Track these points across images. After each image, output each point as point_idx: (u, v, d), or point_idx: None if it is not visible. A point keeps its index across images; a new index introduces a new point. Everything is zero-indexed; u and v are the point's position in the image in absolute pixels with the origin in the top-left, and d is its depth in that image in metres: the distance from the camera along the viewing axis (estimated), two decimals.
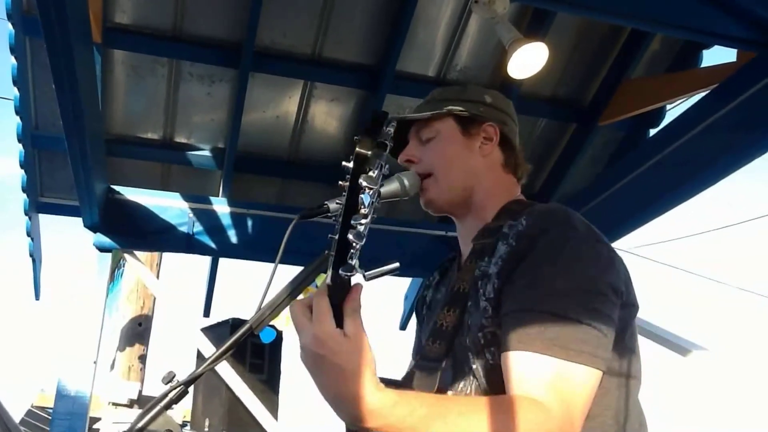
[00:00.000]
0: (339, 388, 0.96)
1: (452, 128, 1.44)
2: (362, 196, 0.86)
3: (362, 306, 1.00)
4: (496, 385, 1.13)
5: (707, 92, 3.24)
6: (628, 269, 1.22)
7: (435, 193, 1.42)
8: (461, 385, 1.22)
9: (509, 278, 1.15)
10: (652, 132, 3.87)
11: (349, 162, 0.88)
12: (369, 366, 0.96)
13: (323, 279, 0.99)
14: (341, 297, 0.98)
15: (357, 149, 0.85)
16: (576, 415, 1.03)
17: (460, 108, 1.44)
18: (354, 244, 0.88)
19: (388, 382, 1.05)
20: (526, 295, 1.11)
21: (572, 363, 1.04)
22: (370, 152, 0.84)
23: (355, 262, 0.91)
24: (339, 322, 0.97)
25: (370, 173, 0.85)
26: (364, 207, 0.86)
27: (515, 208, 1.32)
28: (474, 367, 1.20)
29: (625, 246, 5.98)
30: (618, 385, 1.16)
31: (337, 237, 0.90)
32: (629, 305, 1.19)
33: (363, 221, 0.87)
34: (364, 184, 0.85)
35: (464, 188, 1.42)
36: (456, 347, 1.24)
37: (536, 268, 1.13)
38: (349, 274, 0.92)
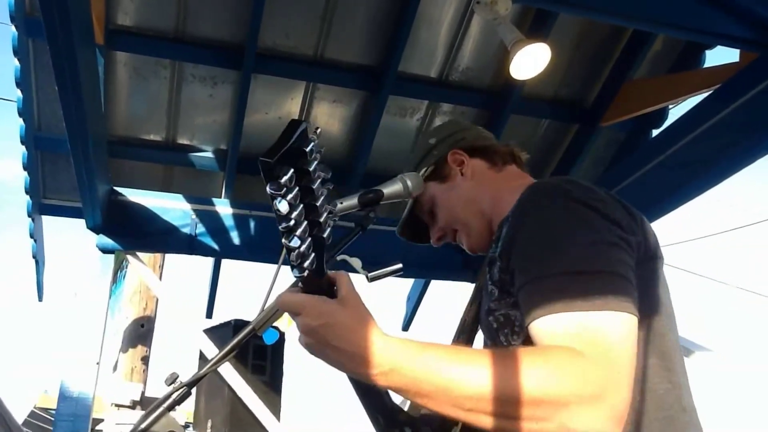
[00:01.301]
0: (352, 344, 0.95)
1: (434, 188, 1.51)
2: (275, 202, 0.86)
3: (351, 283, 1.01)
4: None
5: (710, 93, 3.23)
6: (641, 220, 1.17)
7: (470, 244, 1.48)
8: None
9: (511, 255, 1.12)
10: (655, 133, 3.87)
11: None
12: (372, 319, 0.97)
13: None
14: (320, 290, 0.99)
15: (260, 158, 0.85)
16: (620, 360, 0.94)
17: (423, 170, 1.51)
18: (291, 248, 0.89)
19: None
20: (532, 263, 1.07)
21: (600, 311, 0.97)
22: (271, 160, 0.84)
23: (307, 263, 0.91)
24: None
25: (280, 180, 0.85)
26: (281, 212, 0.87)
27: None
28: None
29: None
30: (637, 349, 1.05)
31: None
32: (648, 259, 1.13)
33: (288, 224, 0.88)
34: (271, 191, 0.86)
35: (478, 217, 1.46)
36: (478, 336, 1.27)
37: (536, 234, 1.10)
38: (299, 275, 0.94)
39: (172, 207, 3.70)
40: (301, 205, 0.88)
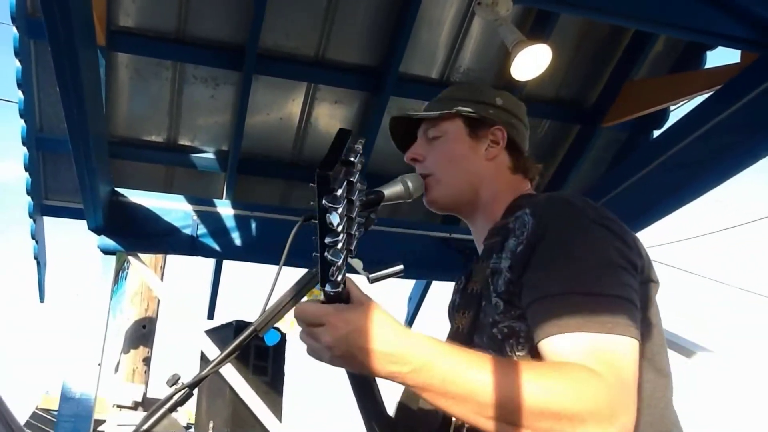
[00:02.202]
0: (383, 342, 0.96)
1: (459, 129, 1.44)
2: (329, 215, 0.86)
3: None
4: None
5: (711, 93, 3.23)
6: (641, 244, 1.19)
7: (436, 193, 1.43)
8: None
9: (525, 270, 1.13)
10: (656, 133, 3.87)
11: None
12: (392, 316, 0.99)
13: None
14: (339, 301, 1.00)
15: (317, 170, 0.85)
16: (629, 384, 0.98)
17: (469, 109, 1.44)
18: (334, 262, 0.89)
19: None
20: (547, 281, 1.09)
21: (612, 335, 1.01)
22: (330, 172, 0.84)
23: (341, 277, 0.92)
24: None
25: (336, 192, 0.85)
26: (333, 226, 0.86)
27: (521, 203, 1.32)
28: None
29: None
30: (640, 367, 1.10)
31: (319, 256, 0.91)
32: (646, 282, 1.16)
33: (337, 239, 0.88)
34: (327, 204, 0.85)
35: (467, 190, 1.42)
36: (476, 348, 1.24)
37: (552, 253, 1.11)
38: (335, 290, 0.94)
39: (173, 208, 3.70)
40: (346, 218, 0.88)
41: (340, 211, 0.86)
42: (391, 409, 1.33)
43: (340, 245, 0.88)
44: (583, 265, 1.07)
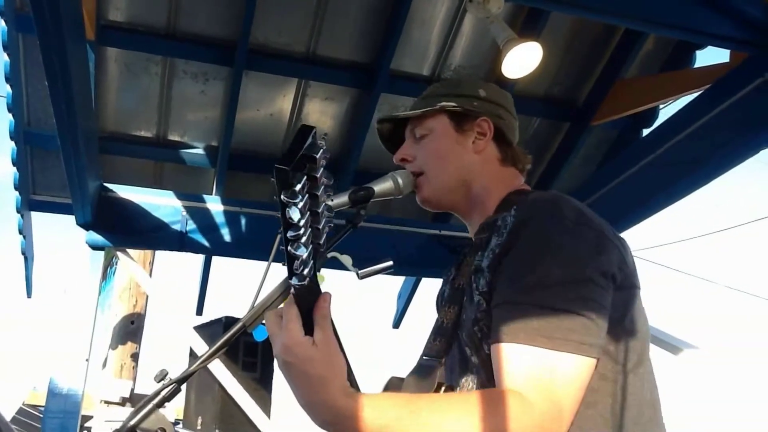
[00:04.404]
0: (308, 394, 1.00)
1: (445, 125, 1.44)
2: (288, 210, 0.86)
3: (331, 313, 1.03)
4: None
5: (700, 92, 3.25)
6: (624, 250, 1.18)
7: (428, 192, 1.43)
8: (464, 380, 1.23)
9: (497, 271, 1.15)
10: (646, 132, 3.89)
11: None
12: (337, 372, 1.00)
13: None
14: (311, 303, 1.00)
15: (275, 165, 0.85)
16: (562, 406, 1.01)
17: (453, 104, 1.43)
18: (297, 256, 0.89)
19: (397, 380, 1.05)
20: (511, 287, 1.11)
21: (558, 352, 1.02)
22: (288, 167, 0.84)
23: (307, 271, 0.92)
24: (310, 329, 1.01)
25: (294, 188, 0.85)
26: (293, 221, 0.86)
27: (513, 199, 1.32)
28: (474, 361, 1.20)
29: None
30: (615, 372, 1.12)
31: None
32: (626, 287, 1.15)
33: (298, 233, 0.87)
34: (286, 199, 0.85)
35: (458, 186, 1.42)
36: (460, 342, 1.25)
37: (521, 259, 1.12)
38: (300, 283, 0.93)
39: (162, 203, 3.69)
40: (308, 213, 0.88)
41: (300, 206, 0.86)
42: None
43: (303, 239, 0.88)
44: (548, 277, 1.08)
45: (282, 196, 0.85)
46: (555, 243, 1.11)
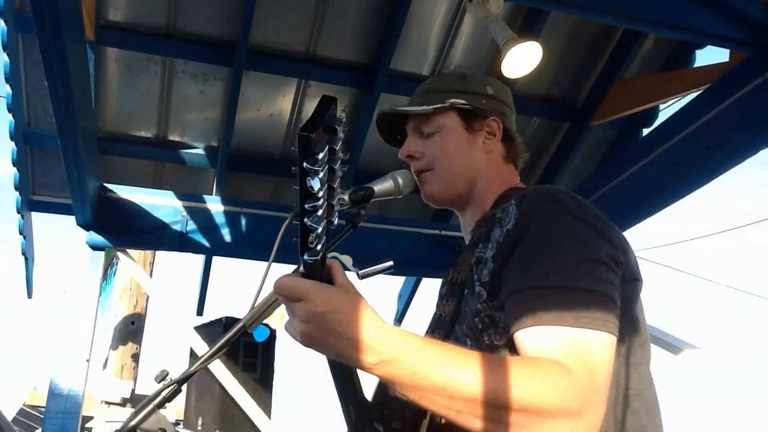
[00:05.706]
0: (356, 330, 0.95)
1: (455, 123, 1.43)
2: (309, 179, 0.84)
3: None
4: None
5: (700, 92, 3.25)
6: (627, 243, 1.19)
7: (436, 188, 1.42)
8: None
9: (506, 261, 1.13)
10: (645, 132, 3.89)
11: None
12: (370, 306, 0.98)
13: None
14: (319, 276, 0.96)
15: (299, 132, 0.83)
16: (600, 379, 0.98)
17: (463, 101, 1.43)
18: (313, 228, 0.86)
19: None
20: (527, 274, 1.09)
21: (586, 329, 1.01)
22: (312, 135, 0.82)
23: (320, 246, 0.89)
24: None
25: (317, 156, 0.83)
26: (314, 190, 0.84)
27: (510, 194, 1.32)
28: None
29: None
30: (618, 365, 1.11)
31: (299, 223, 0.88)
32: (631, 279, 1.16)
33: (317, 204, 0.85)
34: (308, 167, 0.83)
35: (464, 183, 1.42)
36: (457, 336, 1.24)
37: (533, 247, 1.11)
38: (313, 258, 0.90)
39: (162, 204, 3.68)
40: (326, 185, 0.86)
41: (321, 176, 0.84)
42: (369, 393, 1.33)
43: (320, 212, 0.86)
44: (563, 260, 1.07)
45: (304, 164, 0.83)
46: (566, 229, 1.11)
